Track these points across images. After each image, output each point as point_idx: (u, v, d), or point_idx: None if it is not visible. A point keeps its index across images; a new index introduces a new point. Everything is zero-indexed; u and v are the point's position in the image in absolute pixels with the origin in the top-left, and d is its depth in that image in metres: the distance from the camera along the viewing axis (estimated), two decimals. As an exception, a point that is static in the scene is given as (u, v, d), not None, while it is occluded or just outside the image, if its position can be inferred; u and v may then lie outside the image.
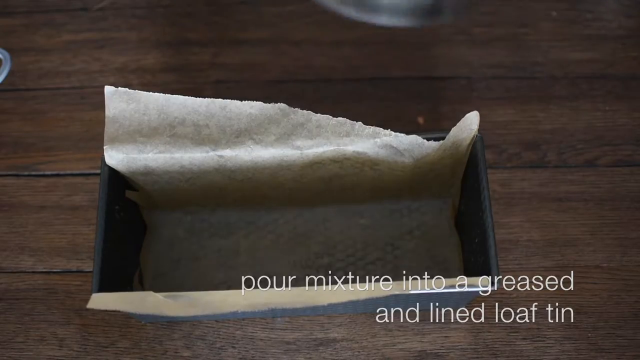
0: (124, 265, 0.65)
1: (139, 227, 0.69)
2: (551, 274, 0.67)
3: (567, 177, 0.72)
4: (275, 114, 0.60)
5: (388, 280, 0.66)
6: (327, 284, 0.66)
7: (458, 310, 0.65)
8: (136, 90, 0.60)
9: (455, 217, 0.69)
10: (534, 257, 0.68)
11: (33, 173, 0.74)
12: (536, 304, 0.66)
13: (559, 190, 0.71)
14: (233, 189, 0.66)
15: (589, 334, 0.64)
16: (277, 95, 0.76)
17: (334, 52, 0.80)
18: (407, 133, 0.60)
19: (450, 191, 0.68)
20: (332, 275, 0.67)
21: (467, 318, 0.65)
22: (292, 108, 0.60)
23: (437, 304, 0.64)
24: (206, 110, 0.60)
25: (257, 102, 0.60)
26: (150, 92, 0.60)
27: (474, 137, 0.60)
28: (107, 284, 0.58)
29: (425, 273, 0.67)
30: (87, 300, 0.55)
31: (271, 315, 0.66)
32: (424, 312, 0.66)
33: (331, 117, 0.60)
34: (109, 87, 0.60)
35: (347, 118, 0.60)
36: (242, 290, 0.56)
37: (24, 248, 0.70)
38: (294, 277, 0.67)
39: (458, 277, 0.56)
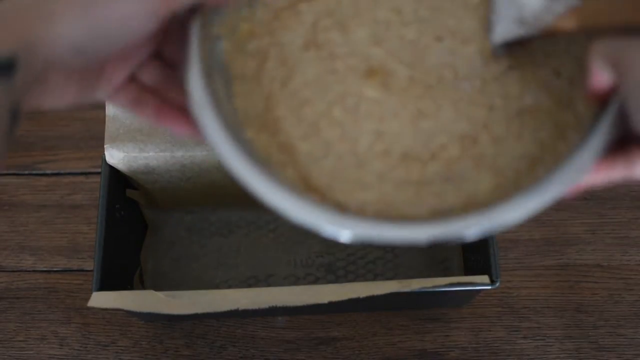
0: (125, 264, 0.65)
1: (139, 226, 0.69)
2: (551, 273, 0.67)
3: (568, 176, 0.72)
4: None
5: (388, 279, 0.66)
6: (327, 282, 0.66)
7: (458, 309, 0.65)
8: (137, 89, 0.60)
9: (456, 216, 0.69)
10: (534, 255, 0.68)
11: (34, 172, 0.74)
12: (536, 302, 0.66)
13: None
14: (233, 188, 0.66)
15: (590, 333, 0.64)
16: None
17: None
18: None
19: (450, 190, 0.68)
20: (332, 274, 0.67)
21: (468, 317, 0.65)
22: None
23: (437, 302, 0.64)
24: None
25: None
26: (151, 91, 0.60)
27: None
28: (108, 283, 0.58)
29: (426, 272, 0.67)
30: (87, 299, 0.55)
31: (272, 314, 0.66)
32: (425, 310, 0.66)
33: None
34: (110, 86, 0.60)
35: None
36: (243, 289, 0.56)
37: (25, 247, 0.70)
38: (295, 275, 0.67)
39: (458, 276, 0.56)
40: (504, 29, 0.42)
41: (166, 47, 0.40)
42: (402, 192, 0.41)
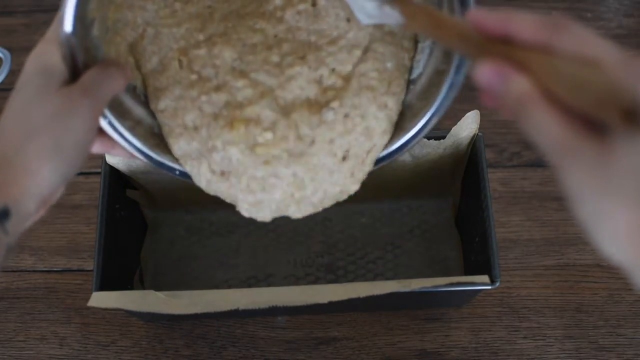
0: (125, 264, 0.65)
1: (139, 226, 0.69)
2: (551, 273, 0.67)
3: (568, 176, 0.72)
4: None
5: (388, 279, 0.66)
6: (327, 282, 0.66)
7: (458, 309, 0.65)
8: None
9: (456, 216, 0.69)
10: (534, 255, 0.68)
11: (33, 172, 0.74)
12: (536, 302, 0.66)
13: (560, 189, 0.71)
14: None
15: (590, 333, 0.64)
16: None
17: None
18: (408, 132, 0.60)
19: (450, 190, 0.68)
20: (332, 274, 0.67)
21: (468, 317, 0.65)
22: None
23: (437, 302, 0.64)
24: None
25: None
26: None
27: (474, 136, 0.60)
28: (108, 283, 0.58)
29: (426, 272, 0.67)
30: (87, 299, 0.55)
31: (272, 314, 0.66)
32: (425, 310, 0.66)
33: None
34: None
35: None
36: (243, 289, 0.56)
37: (25, 247, 0.70)
38: (295, 275, 0.67)
39: (458, 276, 0.56)
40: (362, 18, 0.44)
41: None
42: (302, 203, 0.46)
